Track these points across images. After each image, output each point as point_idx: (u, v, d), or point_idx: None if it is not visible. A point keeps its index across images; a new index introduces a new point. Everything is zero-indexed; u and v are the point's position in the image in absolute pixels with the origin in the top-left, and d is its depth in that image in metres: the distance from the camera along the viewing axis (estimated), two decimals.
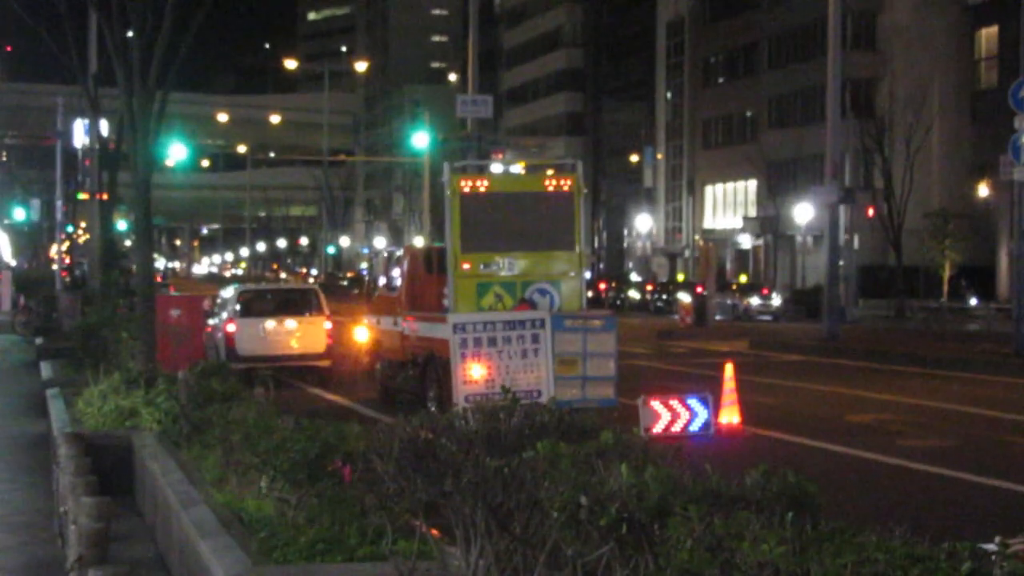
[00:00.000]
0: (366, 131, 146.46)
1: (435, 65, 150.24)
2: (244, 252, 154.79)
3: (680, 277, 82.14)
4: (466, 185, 19.17)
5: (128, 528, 12.02)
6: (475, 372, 17.72)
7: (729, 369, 19.20)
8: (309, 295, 28.42)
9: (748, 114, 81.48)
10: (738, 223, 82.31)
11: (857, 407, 21.94)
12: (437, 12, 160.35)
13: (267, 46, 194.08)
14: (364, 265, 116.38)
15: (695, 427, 17.76)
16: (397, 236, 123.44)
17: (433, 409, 17.67)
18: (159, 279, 60.81)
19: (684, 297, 53.73)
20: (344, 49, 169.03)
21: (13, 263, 60.98)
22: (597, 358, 18.28)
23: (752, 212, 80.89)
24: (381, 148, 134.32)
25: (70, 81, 38.48)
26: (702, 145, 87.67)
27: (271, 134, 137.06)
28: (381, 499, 7.82)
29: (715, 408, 18.22)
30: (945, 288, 61.13)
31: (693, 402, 17.94)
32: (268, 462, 9.53)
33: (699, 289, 51.80)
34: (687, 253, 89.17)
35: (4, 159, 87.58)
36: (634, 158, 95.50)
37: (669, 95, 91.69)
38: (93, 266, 40.12)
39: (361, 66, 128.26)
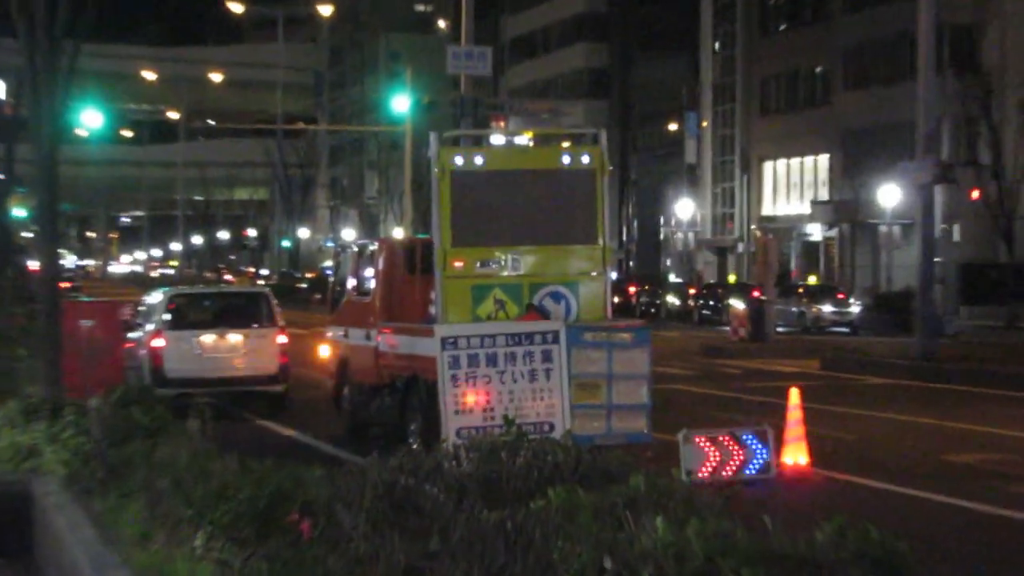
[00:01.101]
0: (331, 93, 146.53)
1: (420, 8, 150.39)
2: (176, 247, 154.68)
3: (732, 278, 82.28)
4: (459, 161, 19.14)
5: None
6: (470, 399, 17.77)
7: (795, 395, 19.20)
8: (258, 301, 28.45)
9: (818, 70, 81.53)
10: (805, 209, 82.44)
11: (957, 444, 22.05)
12: None
13: None
14: (328, 263, 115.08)
15: (751, 469, 17.84)
16: (370, 226, 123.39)
17: (416, 447, 17.80)
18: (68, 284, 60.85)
19: (737, 304, 54.12)
20: None
21: None
22: (626, 381, 18.33)
23: (823, 195, 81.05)
24: (350, 114, 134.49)
25: None
26: (759, 110, 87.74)
27: (210, 96, 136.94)
28: (349, 562, 7.81)
29: (777, 445, 18.27)
30: None
31: (748, 437, 17.97)
32: (205, 514, 9.63)
33: (756, 293, 51.68)
34: (741, 247, 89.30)
35: None
36: (673, 127, 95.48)
37: (717, 46, 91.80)
38: None
39: (325, 10, 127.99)
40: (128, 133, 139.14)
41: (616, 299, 26.49)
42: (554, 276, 19.48)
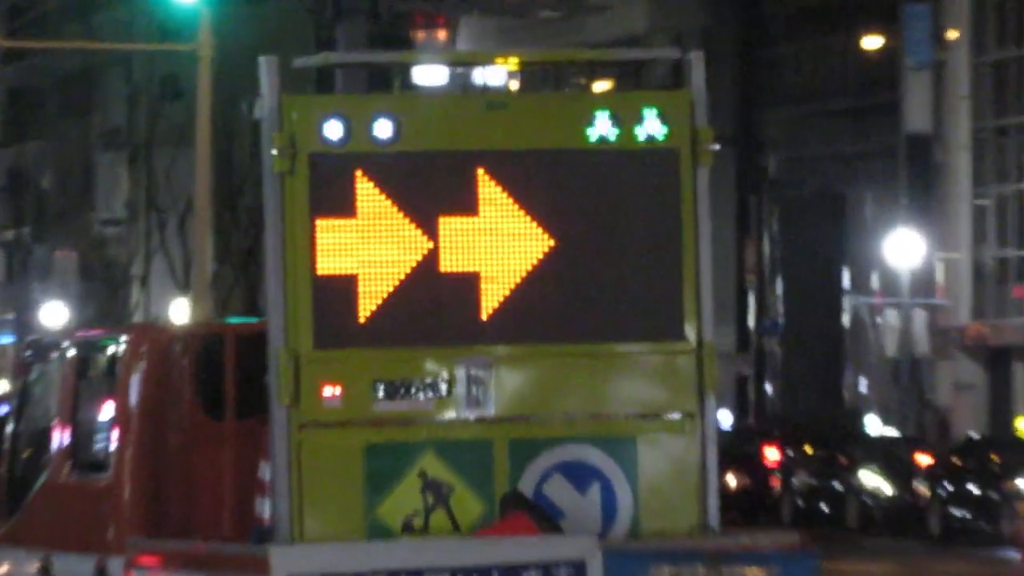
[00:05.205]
0: None
1: None
2: None
3: None
4: (332, 132, 12.71)
5: None
6: None
7: None
8: None
9: None
10: None
11: None
12: None
13: None
14: (1, 389, 69.89)
15: None
16: (111, 294, 79.27)
17: None
18: None
19: None
20: None
21: None
22: None
23: None
24: (61, 14, 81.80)
25: None
26: None
27: None
28: None
29: None
30: None
31: None
32: None
33: None
34: None
35: None
36: (870, 42, 58.67)
37: None
38: None
39: None
40: None
41: (731, 478, 20.69)
42: (573, 423, 13.17)
